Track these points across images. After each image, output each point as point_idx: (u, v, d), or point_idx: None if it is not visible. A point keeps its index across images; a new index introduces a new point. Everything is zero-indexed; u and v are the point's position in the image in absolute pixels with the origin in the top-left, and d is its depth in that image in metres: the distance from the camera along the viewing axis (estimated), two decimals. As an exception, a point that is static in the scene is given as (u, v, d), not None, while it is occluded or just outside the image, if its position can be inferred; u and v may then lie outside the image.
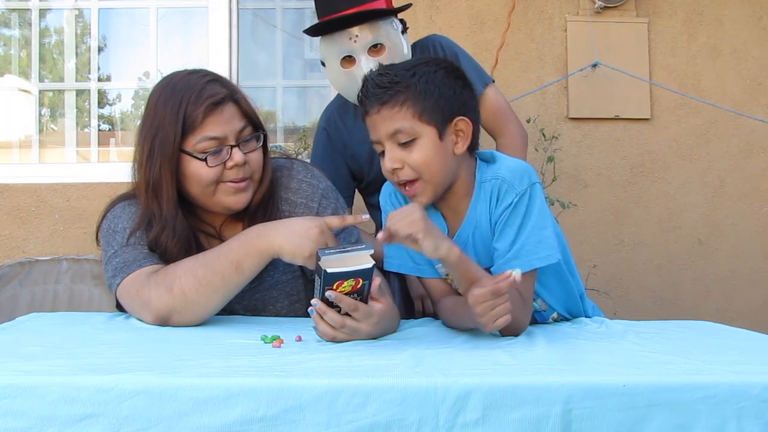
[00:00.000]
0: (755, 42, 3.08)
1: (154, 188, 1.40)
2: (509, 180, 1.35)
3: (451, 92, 1.34)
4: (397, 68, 1.36)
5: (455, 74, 1.37)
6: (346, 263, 1.17)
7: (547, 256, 1.33)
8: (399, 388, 0.89)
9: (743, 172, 3.07)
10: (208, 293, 1.33)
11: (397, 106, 1.31)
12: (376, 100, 1.32)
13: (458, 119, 1.35)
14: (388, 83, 1.32)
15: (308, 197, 1.52)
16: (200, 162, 1.39)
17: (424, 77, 1.32)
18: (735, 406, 0.92)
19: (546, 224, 1.35)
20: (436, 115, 1.32)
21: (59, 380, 0.87)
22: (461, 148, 1.36)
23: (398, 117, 1.31)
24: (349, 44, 1.94)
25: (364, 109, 1.36)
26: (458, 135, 1.36)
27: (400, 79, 1.32)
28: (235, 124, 1.42)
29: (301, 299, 1.54)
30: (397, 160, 1.33)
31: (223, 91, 1.41)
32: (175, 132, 1.37)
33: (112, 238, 1.44)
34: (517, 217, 1.33)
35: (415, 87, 1.31)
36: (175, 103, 1.39)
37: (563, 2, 3.02)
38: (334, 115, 2.17)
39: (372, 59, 1.93)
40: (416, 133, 1.32)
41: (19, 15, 3.20)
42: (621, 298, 2.99)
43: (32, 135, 3.15)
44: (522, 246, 1.32)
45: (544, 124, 2.92)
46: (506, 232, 1.34)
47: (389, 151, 1.34)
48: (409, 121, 1.31)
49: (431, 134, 1.32)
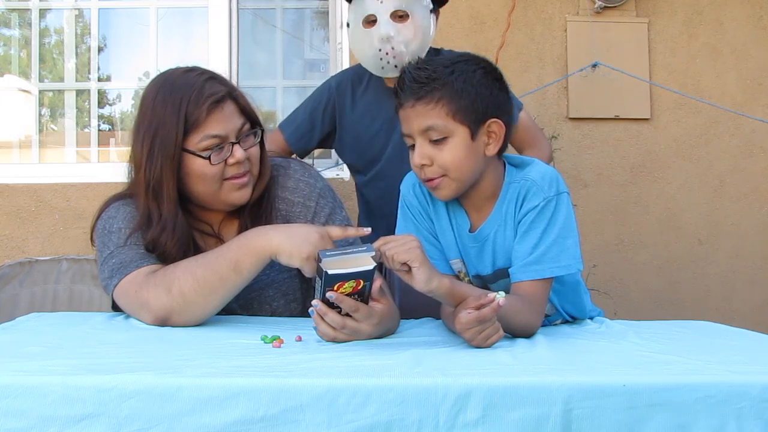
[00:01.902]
0: (755, 42, 3.08)
1: (155, 188, 1.39)
2: (539, 183, 1.34)
3: (487, 93, 1.33)
4: (437, 63, 1.34)
5: (493, 75, 1.36)
6: (348, 265, 1.16)
7: (567, 266, 1.33)
8: (399, 388, 0.89)
9: (743, 172, 3.07)
10: (207, 294, 1.33)
11: (432, 103, 1.31)
12: (412, 94, 1.32)
13: (492, 121, 1.34)
14: (426, 79, 1.31)
15: (306, 196, 1.52)
16: (203, 160, 1.39)
17: (462, 76, 1.31)
18: (735, 406, 0.92)
19: (570, 234, 1.34)
20: (471, 115, 1.31)
21: (59, 380, 0.87)
22: (492, 150, 1.35)
23: (432, 114, 1.31)
24: (375, 4, 1.98)
25: (399, 101, 1.35)
26: (490, 137, 1.35)
27: (438, 75, 1.31)
28: (235, 121, 1.42)
29: (297, 299, 1.54)
30: (426, 157, 1.33)
31: (222, 88, 1.42)
32: (176, 131, 1.37)
33: (107, 238, 1.44)
34: (542, 222, 1.33)
35: (452, 85, 1.30)
36: (174, 102, 1.38)
37: (563, 2, 3.02)
38: (346, 82, 2.19)
39: (393, 24, 1.96)
40: (449, 132, 1.31)
41: (19, 15, 3.20)
42: (621, 298, 2.99)
43: (32, 135, 3.16)
44: (544, 252, 1.32)
45: (544, 124, 2.92)
46: (529, 235, 1.33)
47: (419, 147, 1.33)
48: (442, 119, 1.31)
49: (463, 134, 1.32)
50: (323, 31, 3.28)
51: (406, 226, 1.47)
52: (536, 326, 1.32)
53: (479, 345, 1.16)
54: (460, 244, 1.43)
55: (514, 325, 1.26)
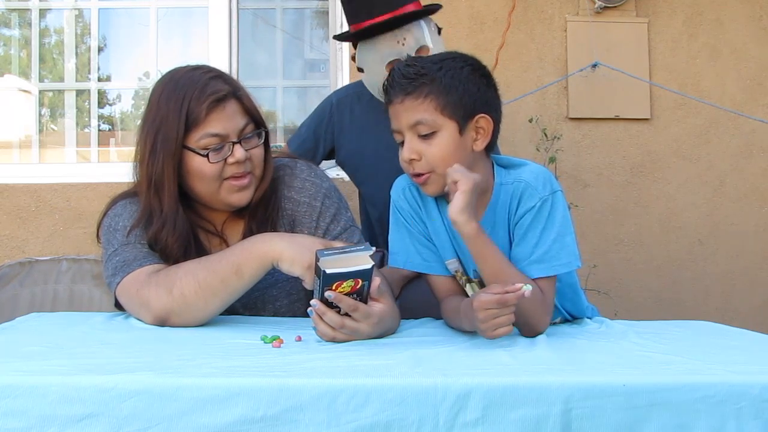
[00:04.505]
0: (755, 42, 3.08)
1: (156, 184, 1.40)
2: (533, 184, 1.35)
3: (475, 89, 1.35)
4: (425, 61, 1.37)
5: (481, 72, 1.38)
6: (345, 264, 1.17)
7: (569, 263, 1.34)
8: (399, 388, 0.89)
9: (743, 172, 3.07)
10: (208, 296, 1.33)
11: (420, 98, 1.33)
12: (401, 90, 1.34)
13: (480, 116, 1.35)
14: (414, 75, 1.33)
15: (311, 196, 1.52)
16: (202, 158, 1.40)
17: (450, 72, 1.33)
18: (735, 406, 0.92)
19: (568, 231, 1.35)
20: (459, 110, 1.33)
21: (59, 380, 0.87)
22: (480, 145, 1.37)
23: (420, 109, 1.33)
24: (397, 47, 1.97)
25: (388, 98, 1.37)
26: (478, 132, 1.36)
27: (427, 71, 1.33)
28: (237, 121, 1.42)
29: (300, 298, 1.54)
30: (414, 152, 1.34)
31: (225, 87, 1.42)
32: (177, 128, 1.38)
33: (112, 236, 1.45)
34: (540, 221, 1.34)
35: (440, 81, 1.32)
36: (177, 99, 1.39)
37: (563, 2, 3.02)
38: (346, 100, 2.20)
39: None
40: (437, 126, 1.33)
41: (19, 15, 3.20)
42: (621, 298, 2.99)
43: (32, 135, 3.16)
44: (546, 251, 1.33)
45: (543, 124, 2.92)
46: (528, 236, 1.34)
47: (408, 142, 1.35)
48: (431, 114, 1.33)
49: (452, 129, 1.33)
50: (323, 31, 3.28)
51: (398, 231, 1.48)
52: (543, 323, 1.32)
53: (487, 330, 1.16)
54: (455, 243, 1.43)
55: (528, 320, 1.28)
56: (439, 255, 1.46)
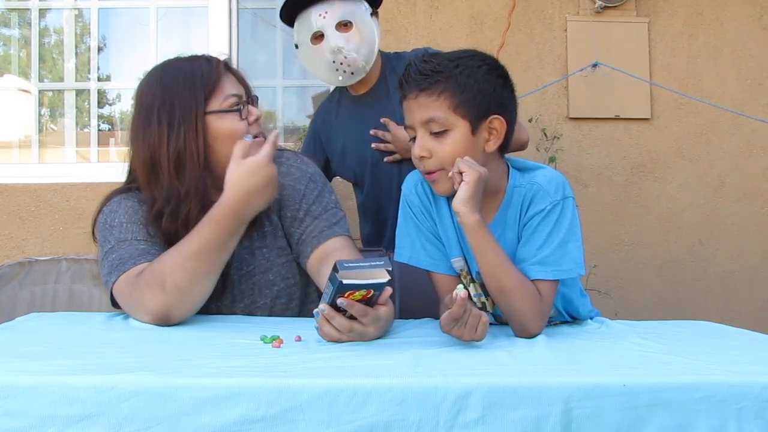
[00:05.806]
0: (755, 42, 3.08)
1: (178, 161, 1.42)
2: (545, 187, 1.35)
3: (490, 89, 1.34)
4: (442, 58, 1.36)
5: (498, 72, 1.37)
6: (363, 277, 1.16)
7: (569, 270, 1.34)
8: (399, 388, 0.89)
9: (743, 172, 3.07)
10: (202, 280, 1.37)
11: (434, 95, 1.32)
12: (416, 85, 1.34)
13: (493, 117, 1.35)
14: (430, 71, 1.33)
15: (296, 180, 1.55)
16: (232, 117, 1.46)
17: (467, 70, 1.33)
18: (735, 406, 0.92)
19: (574, 239, 1.35)
20: (472, 110, 1.33)
21: (59, 380, 0.87)
22: (492, 146, 1.36)
23: (434, 106, 1.32)
24: (319, 20, 2.02)
25: (403, 92, 1.37)
26: (491, 133, 1.36)
27: (443, 68, 1.33)
28: (240, 85, 1.52)
29: (297, 282, 1.57)
30: (425, 149, 1.34)
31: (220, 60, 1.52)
32: (195, 99, 1.43)
33: (108, 233, 1.45)
34: (547, 225, 1.34)
35: (456, 79, 1.32)
36: (186, 76, 1.45)
37: (563, 2, 3.02)
38: (324, 112, 2.27)
39: (340, 34, 2.01)
40: (449, 125, 1.33)
41: (19, 15, 3.20)
42: (621, 298, 2.99)
43: (32, 135, 3.15)
44: (548, 255, 1.33)
45: (543, 124, 2.92)
46: (534, 238, 1.34)
47: (420, 138, 1.35)
48: (444, 112, 1.32)
49: (464, 128, 1.33)
50: (323, 30, 3.27)
51: (406, 225, 1.47)
52: (536, 326, 1.31)
53: (472, 338, 1.17)
54: (463, 242, 1.43)
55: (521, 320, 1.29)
56: (446, 253, 1.46)
